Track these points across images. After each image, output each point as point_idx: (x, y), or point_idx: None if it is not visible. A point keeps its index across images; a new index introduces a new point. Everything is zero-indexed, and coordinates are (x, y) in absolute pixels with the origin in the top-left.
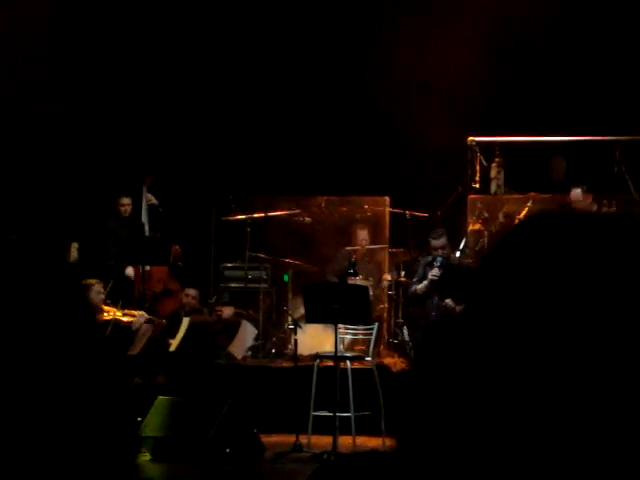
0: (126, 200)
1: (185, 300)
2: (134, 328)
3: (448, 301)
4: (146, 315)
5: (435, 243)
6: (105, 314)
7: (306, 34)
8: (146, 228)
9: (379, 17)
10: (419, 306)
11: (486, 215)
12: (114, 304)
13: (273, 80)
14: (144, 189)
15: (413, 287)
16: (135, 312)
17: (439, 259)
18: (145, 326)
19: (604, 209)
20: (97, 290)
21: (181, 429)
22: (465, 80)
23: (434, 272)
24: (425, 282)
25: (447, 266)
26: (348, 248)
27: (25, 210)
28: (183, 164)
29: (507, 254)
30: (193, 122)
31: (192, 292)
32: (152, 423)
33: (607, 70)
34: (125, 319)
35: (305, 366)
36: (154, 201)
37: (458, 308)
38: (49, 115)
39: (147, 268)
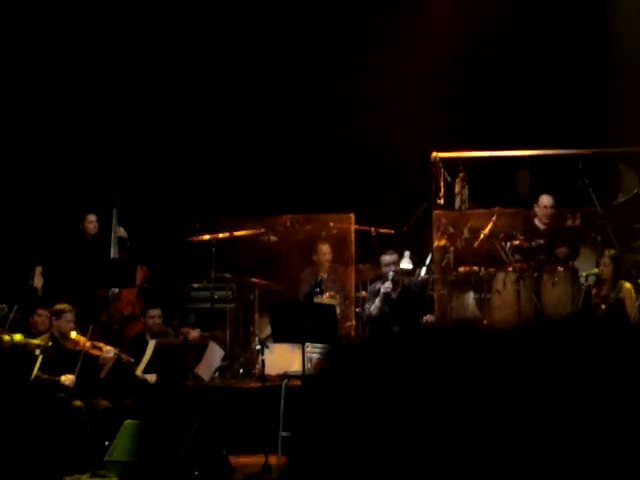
0: (92, 217)
1: (150, 321)
2: (101, 362)
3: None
4: (114, 351)
5: (386, 259)
6: (74, 345)
7: (267, 53)
8: (112, 253)
9: (341, 34)
10: (379, 327)
11: (451, 230)
12: (83, 332)
13: (236, 101)
14: (114, 212)
15: (367, 311)
16: (104, 346)
17: (391, 274)
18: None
19: (568, 222)
20: (67, 318)
21: (149, 452)
22: (428, 96)
23: (387, 285)
24: (377, 301)
25: (402, 286)
26: (310, 267)
27: None
28: (147, 185)
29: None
30: (158, 143)
31: (155, 312)
32: (120, 447)
33: (569, 84)
34: (93, 352)
35: (273, 386)
36: (124, 234)
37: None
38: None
39: (115, 291)
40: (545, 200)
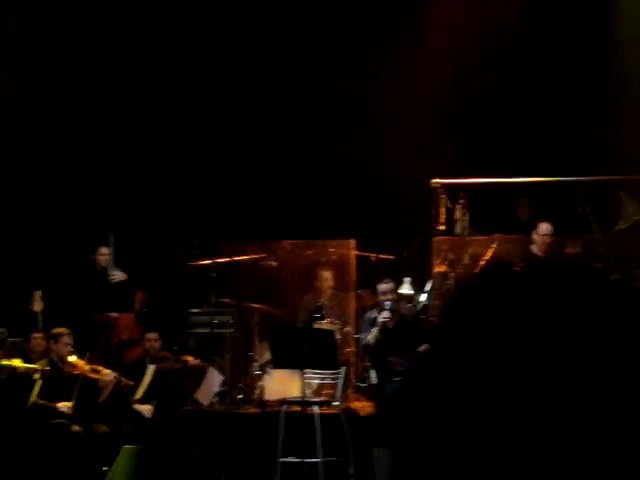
0: (104, 250)
1: (148, 345)
2: (100, 386)
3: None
4: (113, 375)
5: (382, 287)
6: (73, 368)
7: (269, 77)
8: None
9: (344, 61)
10: (374, 358)
11: (452, 257)
12: (82, 356)
13: (237, 127)
14: (110, 236)
15: (364, 341)
16: (102, 369)
17: (388, 303)
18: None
19: (568, 249)
20: (65, 341)
21: (148, 478)
22: (429, 122)
23: (384, 314)
24: (374, 330)
25: (398, 315)
26: (311, 294)
27: None
28: (147, 209)
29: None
30: (158, 167)
31: (153, 336)
32: (118, 472)
33: (570, 111)
34: (92, 375)
35: (272, 412)
36: (122, 277)
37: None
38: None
39: (114, 315)
40: (544, 228)
